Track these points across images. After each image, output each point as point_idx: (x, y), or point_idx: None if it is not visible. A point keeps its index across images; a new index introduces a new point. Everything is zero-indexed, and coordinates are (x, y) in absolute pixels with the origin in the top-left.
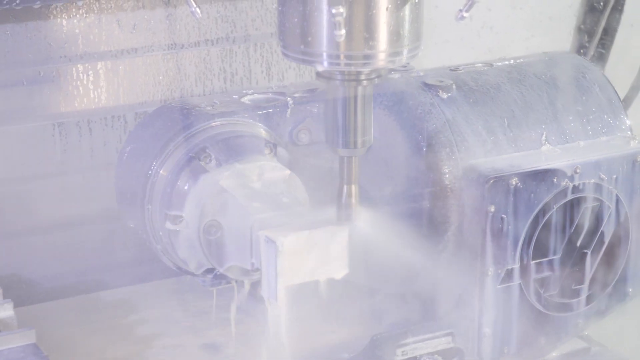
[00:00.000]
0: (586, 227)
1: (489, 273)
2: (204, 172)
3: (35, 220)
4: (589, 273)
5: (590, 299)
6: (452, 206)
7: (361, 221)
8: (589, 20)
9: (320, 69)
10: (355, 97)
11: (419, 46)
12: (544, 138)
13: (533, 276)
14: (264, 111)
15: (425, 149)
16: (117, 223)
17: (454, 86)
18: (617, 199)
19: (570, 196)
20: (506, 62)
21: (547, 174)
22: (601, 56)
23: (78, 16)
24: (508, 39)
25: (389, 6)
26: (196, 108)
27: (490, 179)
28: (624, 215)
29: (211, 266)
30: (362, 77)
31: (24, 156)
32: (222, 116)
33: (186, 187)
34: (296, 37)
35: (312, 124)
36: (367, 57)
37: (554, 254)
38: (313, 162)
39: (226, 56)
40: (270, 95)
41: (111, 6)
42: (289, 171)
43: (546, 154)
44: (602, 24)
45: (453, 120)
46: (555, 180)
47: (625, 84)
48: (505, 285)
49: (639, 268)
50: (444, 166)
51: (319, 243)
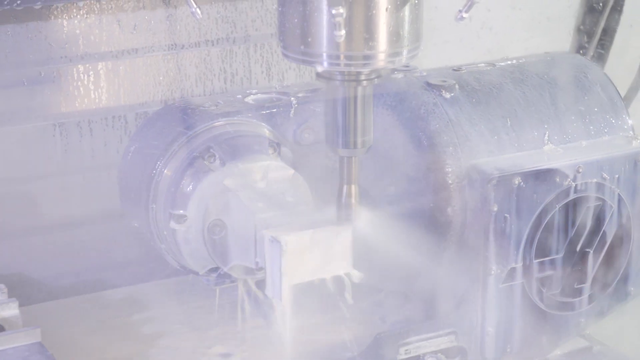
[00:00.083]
0: (588, 227)
1: (492, 272)
2: (208, 172)
3: (36, 220)
4: (591, 272)
5: (592, 298)
6: (455, 206)
7: (362, 221)
8: (588, 20)
9: (320, 70)
10: (355, 98)
11: (419, 47)
12: (547, 138)
13: (535, 275)
14: (268, 111)
15: (428, 149)
16: (118, 223)
17: (457, 86)
18: (619, 199)
19: (572, 196)
20: (508, 62)
21: (550, 174)
22: (600, 57)
23: (79, 17)
24: (507, 40)
25: (389, 7)
26: (200, 108)
27: (493, 179)
28: (626, 214)
29: (215, 265)
30: (362, 78)
31: (25, 156)
32: (226, 116)
33: (190, 187)
34: (296, 38)
35: (316, 124)
36: (367, 58)
37: (556, 253)
38: (317, 162)
39: (226, 56)
40: (273, 95)
41: (112, 7)
42: (293, 171)
43: (549, 154)
44: (602, 25)
45: (456, 120)
46: (557, 179)
47: (624, 84)
48: (507, 284)
49: None
50: (447, 166)
51: (323, 242)
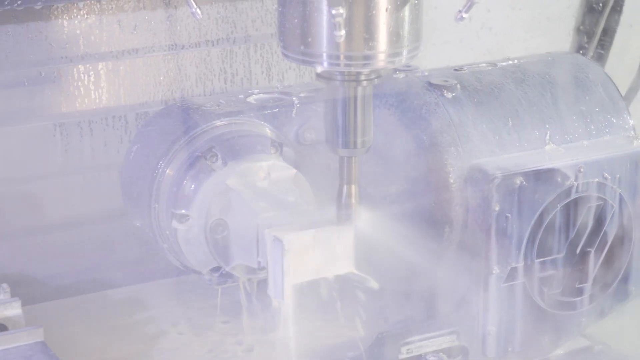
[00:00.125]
0: (589, 226)
1: (494, 272)
2: (211, 172)
3: (37, 220)
4: (592, 272)
5: (593, 298)
6: (457, 205)
7: (363, 221)
8: (588, 21)
9: (320, 70)
10: (355, 98)
11: (419, 47)
12: (548, 137)
13: (537, 275)
14: (270, 111)
15: (430, 148)
16: (118, 223)
17: (459, 86)
18: (621, 198)
19: (574, 195)
20: (510, 62)
21: (551, 173)
22: (600, 57)
23: (79, 17)
24: (507, 40)
25: (389, 7)
26: (202, 108)
27: (495, 178)
28: (627, 214)
29: (217, 265)
30: (362, 78)
31: (26, 156)
32: (228, 116)
33: (193, 186)
34: (296, 38)
35: (318, 124)
36: (367, 58)
37: (558, 253)
38: (319, 162)
39: (226, 57)
40: (275, 94)
41: (112, 7)
42: (295, 170)
43: (550, 154)
44: (601, 25)
45: (457, 119)
46: (559, 179)
47: (624, 85)
48: (509, 283)
49: None
50: (449, 165)
51: (325, 242)
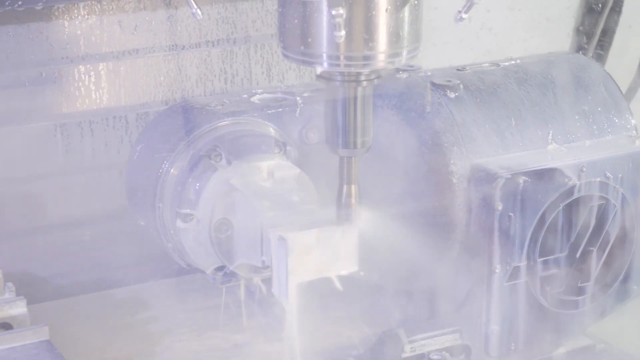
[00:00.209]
0: (592, 226)
1: (496, 271)
2: (215, 171)
3: (38, 220)
4: (595, 271)
5: (595, 297)
6: (460, 205)
7: (365, 220)
8: (588, 21)
9: (320, 70)
10: (355, 98)
11: (418, 47)
12: (550, 137)
13: (540, 274)
14: (274, 110)
15: (433, 148)
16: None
17: (461, 86)
18: (623, 198)
19: (576, 195)
20: (512, 62)
21: (554, 173)
22: (600, 57)
23: (80, 17)
24: (507, 40)
25: (389, 7)
26: (206, 107)
27: (498, 178)
28: (629, 213)
29: (221, 264)
30: (362, 78)
31: (27, 156)
32: (232, 115)
33: (197, 186)
34: (296, 38)
35: (321, 123)
36: (367, 58)
37: (560, 252)
38: (322, 161)
39: (227, 57)
40: (279, 94)
41: (113, 7)
42: (299, 170)
43: (552, 153)
44: (601, 26)
45: (460, 119)
46: (561, 178)
47: (623, 85)
48: (512, 282)
49: None
50: (452, 165)
51: (329, 241)
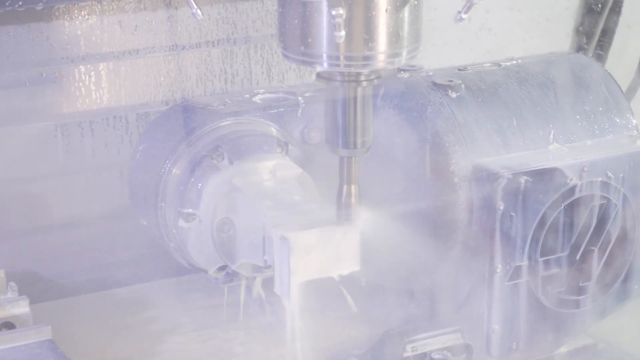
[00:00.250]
0: (593, 225)
1: (498, 270)
2: (217, 171)
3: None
4: (596, 270)
5: (596, 296)
6: (461, 205)
7: (366, 220)
8: (587, 21)
9: (320, 70)
10: (354, 98)
11: (418, 47)
12: (552, 137)
13: (541, 273)
14: (276, 110)
15: (434, 148)
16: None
17: (463, 86)
18: (624, 197)
19: (577, 194)
20: (513, 62)
21: (555, 173)
22: (599, 57)
23: (80, 17)
24: (506, 41)
25: (389, 8)
26: (208, 107)
27: (499, 177)
28: (631, 213)
29: (223, 263)
30: (362, 78)
31: (27, 157)
32: (234, 115)
33: (199, 186)
34: (296, 39)
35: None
36: (367, 59)
37: (562, 252)
38: (324, 161)
39: (227, 57)
40: (281, 94)
41: (113, 8)
42: (301, 169)
43: (554, 153)
44: (600, 26)
45: (462, 119)
46: (562, 178)
47: (623, 85)
48: (513, 282)
49: None
50: (453, 165)
51: (331, 240)
